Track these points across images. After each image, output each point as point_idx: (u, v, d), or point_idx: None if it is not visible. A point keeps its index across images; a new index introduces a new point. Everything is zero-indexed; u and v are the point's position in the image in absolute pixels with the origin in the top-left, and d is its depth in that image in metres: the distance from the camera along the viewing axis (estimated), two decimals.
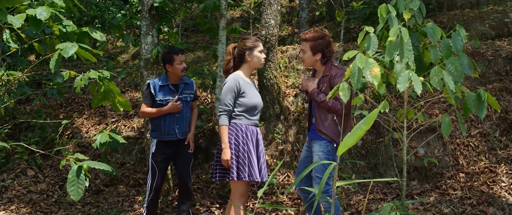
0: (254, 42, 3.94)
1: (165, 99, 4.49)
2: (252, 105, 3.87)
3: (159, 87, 4.53)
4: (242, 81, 3.86)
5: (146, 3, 5.35)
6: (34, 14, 3.49)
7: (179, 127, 4.52)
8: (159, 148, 4.53)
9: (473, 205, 4.69)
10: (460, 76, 3.10)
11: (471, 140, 5.44)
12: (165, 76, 4.59)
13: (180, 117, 4.53)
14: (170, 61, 4.49)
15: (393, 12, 3.35)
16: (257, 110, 3.93)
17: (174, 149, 4.58)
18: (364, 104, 5.84)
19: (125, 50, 9.72)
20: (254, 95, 3.90)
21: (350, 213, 4.88)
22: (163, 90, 4.52)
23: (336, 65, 3.85)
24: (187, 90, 4.63)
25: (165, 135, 4.51)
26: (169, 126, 4.50)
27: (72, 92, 7.80)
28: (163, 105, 4.48)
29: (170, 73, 4.56)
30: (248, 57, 3.93)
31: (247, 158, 3.78)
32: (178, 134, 4.53)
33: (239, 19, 10.64)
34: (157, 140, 4.56)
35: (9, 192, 5.82)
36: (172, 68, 4.51)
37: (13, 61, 6.41)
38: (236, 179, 3.75)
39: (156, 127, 4.55)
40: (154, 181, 4.46)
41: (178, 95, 4.52)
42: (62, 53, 3.40)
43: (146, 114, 4.58)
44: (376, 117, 1.73)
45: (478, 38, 6.90)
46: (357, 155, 5.64)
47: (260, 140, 3.97)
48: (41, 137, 6.78)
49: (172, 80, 4.57)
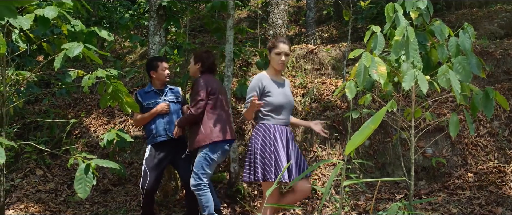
0: (275, 43, 3.94)
1: (152, 102, 4.71)
2: (277, 105, 3.86)
3: (144, 94, 4.76)
4: (266, 81, 3.87)
5: (154, 3, 5.37)
6: (42, 14, 3.52)
7: (169, 127, 4.67)
8: (153, 152, 4.66)
9: (481, 205, 4.67)
10: (468, 76, 3.08)
11: (480, 140, 5.41)
12: (150, 84, 4.85)
13: (169, 119, 4.69)
14: (154, 68, 4.74)
15: (400, 11, 3.34)
16: (283, 109, 3.90)
17: (169, 150, 4.68)
18: (371, 104, 5.83)
19: (132, 51, 9.75)
20: (279, 94, 3.87)
21: (358, 213, 4.87)
22: (149, 95, 4.76)
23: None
24: (173, 94, 4.85)
25: (157, 137, 4.66)
26: (158, 127, 4.66)
27: (80, 93, 7.84)
28: (151, 108, 4.68)
29: (154, 80, 4.79)
30: (269, 57, 3.98)
31: (273, 159, 3.74)
32: (169, 133, 4.65)
33: (247, 19, 10.65)
34: (151, 145, 4.69)
35: (18, 191, 5.86)
36: (156, 75, 4.74)
37: (22, 61, 6.45)
38: (262, 180, 3.74)
39: (149, 132, 4.72)
40: (145, 185, 4.52)
41: (163, 97, 4.74)
42: (67, 52, 3.43)
43: (139, 120, 4.75)
44: (383, 115, 1.73)
45: (486, 37, 6.87)
46: (365, 155, 5.63)
47: (290, 139, 3.93)
48: (50, 137, 6.82)
49: (156, 86, 4.80)
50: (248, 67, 7.15)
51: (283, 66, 3.95)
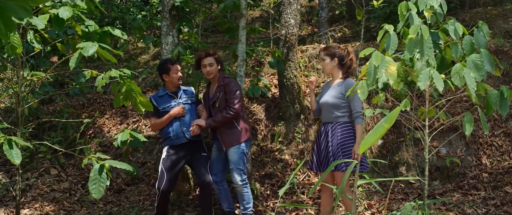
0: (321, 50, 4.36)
1: (168, 106, 4.72)
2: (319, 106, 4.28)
3: (159, 98, 4.78)
4: (323, 86, 4.40)
5: (167, 3, 5.39)
6: (57, 14, 3.56)
7: (186, 129, 4.68)
8: (170, 153, 4.69)
9: (497, 205, 4.62)
10: (482, 74, 3.06)
11: (495, 139, 5.36)
12: (163, 87, 4.86)
13: (185, 121, 4.70)
14: (166, 71, 4.73)
15: (414, 9, 3.32)
16: (322, 109, 4.22)
17: (186, 152, 4.71)
18: (384, 103, 5.80)
19: (145, 51, 9.80)
20: (321, 97, 4.25)
21: (371, 212, 4.84)
22: (163, 99, 4.77)
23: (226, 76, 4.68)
24: (187, 95, 4.85)
25: (175, 140, 4.69)
26: (177, 130, 4.68)
27: (94, 93, 7.90)
28: (167, 112, 4.69)
29: (167, 83, 4.79)
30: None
31: (315, 151, 4.26)
32: (187, 135, 4.67)
33: (259, 19, 10.65)
34: (168, 146, 4.71)
35: (33, 190, 5.92)
36: (169, 78, 4.74)
37: (36, 62, 6.51)
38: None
39: (166, 134, 4.73)
40: (161, 185, 4.55)
41: (178, 100, 4.75)
42: (82, 52, 3.47)
43: (157, 124, 4.76)
44: (397, 115, 1.71)
45: (501, 36, 6.79)
46: (378, 154, 5.60)
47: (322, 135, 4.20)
48: (64, 137, 6.88)
49: (169, 89, 4.81)
50: (261, 67, 7.15)
51: (326, 71, 4.35)
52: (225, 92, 4.58)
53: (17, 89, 4.04)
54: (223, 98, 4.59)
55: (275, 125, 6.01)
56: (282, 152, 5.74)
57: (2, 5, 1.45)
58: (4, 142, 3.23)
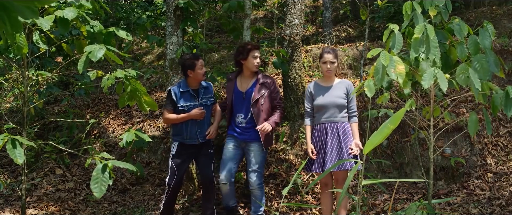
0: (321, 53, 4.36)
1: (187, 105, 4.63)
2: (316, 107, 4.31)
3: (180, 93, 4.65)
4: (313, 87, 4.39)
5: (171, 3, 5.41)
6: (62, 15, 3.57)
7: (200, 131, 4.67)
8: (180, 150, 4.68)
9: (502, 206, 4.61)
10: (486, 74, 3.05)
11: (500, 139, 5.34)
12: (185, 82, 4.71)
13: (202, 121, 4.68)
14: (192, 67, 4.60)
15: (419, 9, 3.32)
16: (323, 109, 4.25)
17: (195, 150, 4.73)
18: (389, 103, 5.79)
19: (150, 51, 9.82)
20: (320, 98, 4.28)
21: (376, 213, 4.84)
22: (184, 96, 4.66)
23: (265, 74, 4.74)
24: (207, 94, 4.77)
25: (187, 139, 4.67)
26: (191, 131, 4.66)
27: (98, 93, 7.92)
28: (185, 111, 4.62)
29: (191, 79, 4.67)
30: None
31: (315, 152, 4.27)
32: (200, 138, 4.68)
33: (263, 19, 10.65)
34: (178, 143, 4.68)
35: (38, 190, 5.94)
36: (194, 74, 4.62)
37: (41, 62, 6.54)
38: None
39: (179, 131, 4.69)
40: (172, 182, 4.57)
41: (199, 100, 4.67)
42: (90, 56, 3.48)
43: (170, 120, 4.70)
44: (402, 116, 1.72)
45: (506, 36, 6.76)
46: (383, 155, 5.59)
47: (324, 135, 4.23)
48: (69, 137, 6.91)
49: (192, 86, 4.70)
50: (265, 67, 7.15)
51: (330, 72, 4.32)
52: (271, 91, 4.62)
53: (22, 89, 4.06)
54: (269, 97, 4.62)
55: (279, 125, 6.01)
56: (286, 152, 5.74)
57: (8, 6, 1.46)
58: (8, 142, 3.25)
